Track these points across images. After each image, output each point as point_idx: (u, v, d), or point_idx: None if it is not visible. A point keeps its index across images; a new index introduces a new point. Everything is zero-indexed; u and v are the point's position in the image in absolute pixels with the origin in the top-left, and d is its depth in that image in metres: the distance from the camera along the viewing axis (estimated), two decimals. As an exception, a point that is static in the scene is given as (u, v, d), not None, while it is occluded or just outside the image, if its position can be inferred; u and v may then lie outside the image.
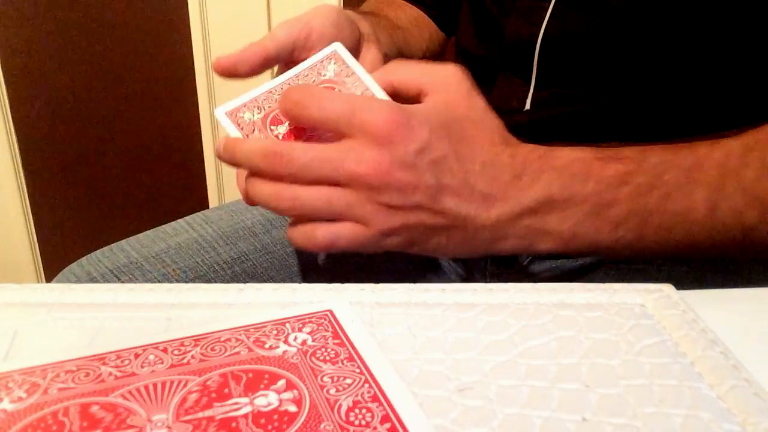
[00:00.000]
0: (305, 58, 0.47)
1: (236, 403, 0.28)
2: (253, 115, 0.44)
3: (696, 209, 0.41)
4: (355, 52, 0.52)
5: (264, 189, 0.41)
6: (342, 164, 0.39)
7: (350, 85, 0.45)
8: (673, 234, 0.42)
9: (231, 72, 0.46)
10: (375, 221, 0.40)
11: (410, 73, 0.43)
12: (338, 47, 0.46)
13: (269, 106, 0.44)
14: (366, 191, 0.39)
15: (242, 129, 0.43)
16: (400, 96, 0.43)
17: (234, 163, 0.42)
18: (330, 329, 0.33)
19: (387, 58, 0.55)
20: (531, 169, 0.41)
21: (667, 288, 0.36)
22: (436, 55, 0.71)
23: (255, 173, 0.41)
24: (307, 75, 0.46)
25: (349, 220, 0.40)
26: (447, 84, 0.42)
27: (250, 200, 0.42)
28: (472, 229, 0.41)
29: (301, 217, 0.41)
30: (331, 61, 0.46)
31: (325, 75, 0.45)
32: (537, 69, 0.55)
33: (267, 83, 0.45)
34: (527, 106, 0.56)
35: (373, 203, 0.40)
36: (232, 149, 0.42)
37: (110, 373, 0.29)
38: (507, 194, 0.41)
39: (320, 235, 0.41)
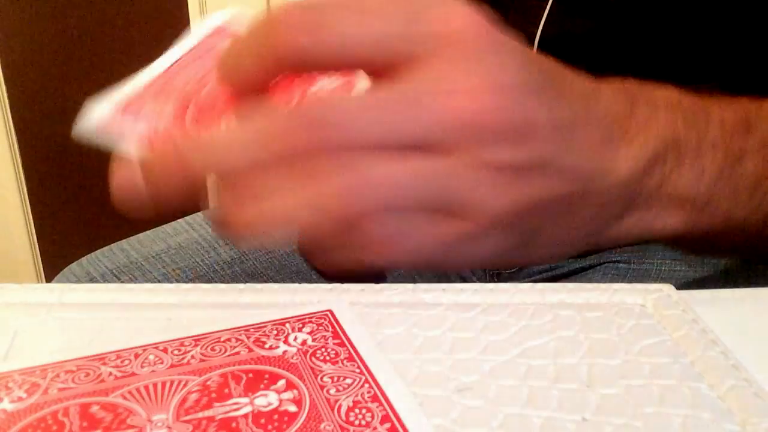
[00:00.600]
0: None
1: (236, 403, 0.28)
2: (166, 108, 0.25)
3: None
4: None
5: (307, 189, 0.23)
6: (433, 104, 0.22)
7: None
8: None
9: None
10: (486, 200, 0.24)
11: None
12: (231, 15, 0.29)
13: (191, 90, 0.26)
14: (474, 145, 0.23)
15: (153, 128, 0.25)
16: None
17: (221, 167, 0.24)
18: (330, 329, 0.33)
19: None
20: (642, 99, 0.28)
21: (667, 288, 0.36)
22: None
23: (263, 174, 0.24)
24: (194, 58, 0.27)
25: (447, 211, 0.24)
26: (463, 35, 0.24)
27: (255, 226, 0.25)
28: (599, 197, 0.27)
29: (369, 215, 0.24)
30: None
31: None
32: None
33: (160, 60, 0.28)
34: None
35: (479, 167, 0.23)
36: (212, 145, 0.24)
37: (110, 373, 0.29)
38: (629, 133, 0.27)
39: (405, 246, 0.25)
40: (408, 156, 0.22)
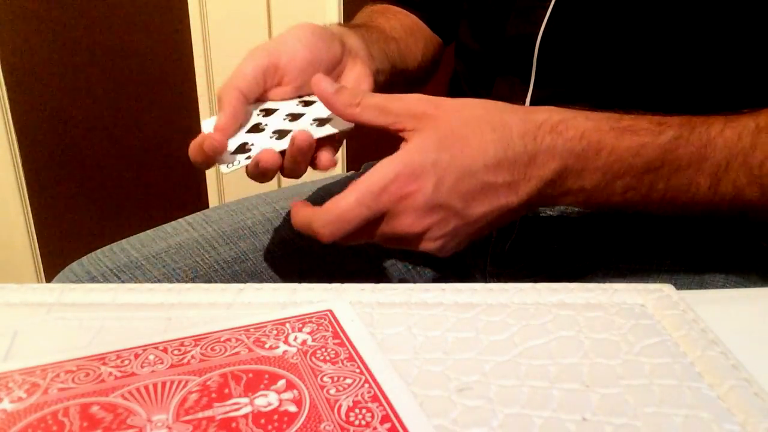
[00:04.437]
0: (279, 84, 0.50)
1: (236, 403, 0.28)
2: None
3: (699, 184, 0.45)
4: (335, 69, 0.52)
5: None
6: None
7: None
8: (676, 202, 0.46)
9: (227, 135, 0.48)
10: (421, 248, 0.45)
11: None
12: None
13: None
14: (411, 237, 0.45)
15: None
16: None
17: None
18: (330, 329, 0.33)
19: (378, 74, 0.55)
20: (544, 146, 0.45)
21: (667, 288, 0.36)
22: (432, 64, 0.70)
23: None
24: None
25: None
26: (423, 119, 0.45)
27: None
28: (508, 213, 0.46)
29: None
30: None
31: None
32: (536, 68, 0.55)
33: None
34: (526, 105, 0.56)
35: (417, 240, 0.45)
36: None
37: (110, 373, 0.29)
38: (528, 174, 0.45)
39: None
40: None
